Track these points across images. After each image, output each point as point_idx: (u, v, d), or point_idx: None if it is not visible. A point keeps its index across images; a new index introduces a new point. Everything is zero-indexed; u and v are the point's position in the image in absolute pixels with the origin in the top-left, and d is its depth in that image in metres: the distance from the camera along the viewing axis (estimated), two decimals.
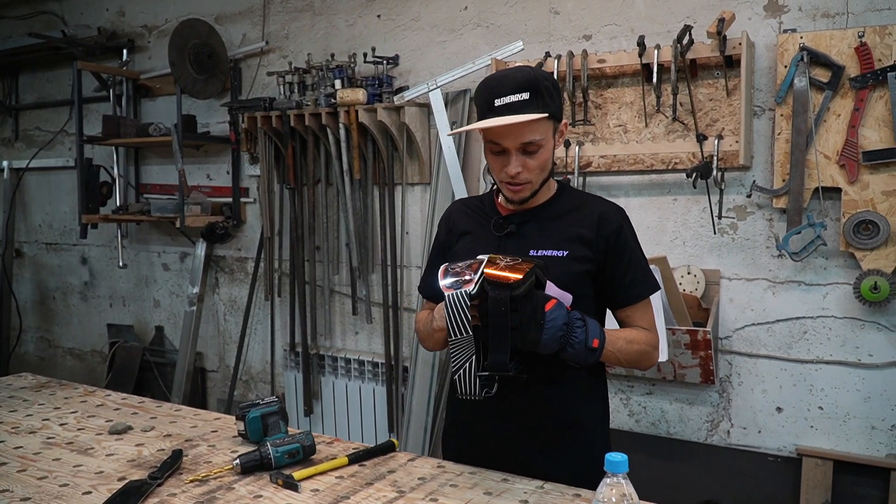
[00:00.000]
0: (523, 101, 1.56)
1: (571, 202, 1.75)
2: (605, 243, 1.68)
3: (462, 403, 1.80)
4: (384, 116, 3.20)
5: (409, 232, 3.45)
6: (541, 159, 1.62)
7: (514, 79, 1.60)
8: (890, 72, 2.40)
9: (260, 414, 1.90)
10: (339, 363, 3.68)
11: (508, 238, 1.73)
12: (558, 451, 1.70)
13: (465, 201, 1.93)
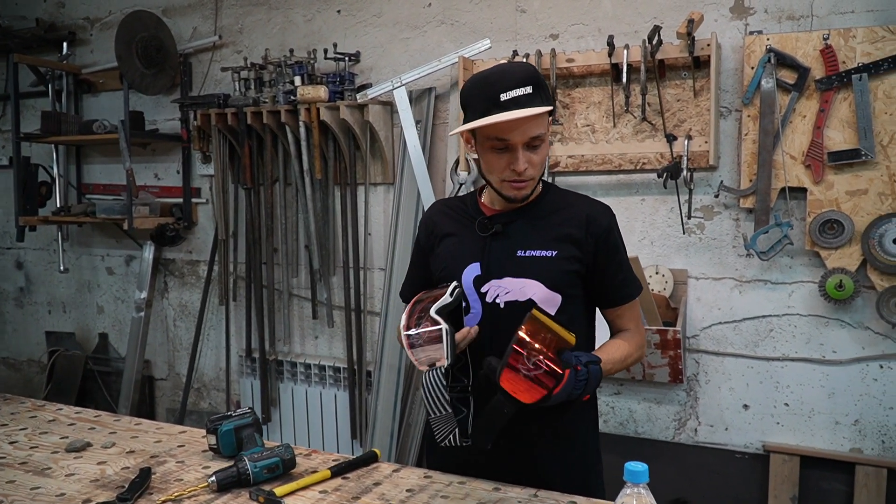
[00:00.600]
0: (528, 95, 1.52)
1: (558, 201, 1.71)
2: (595, 244, 1.64)
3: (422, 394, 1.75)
4: (347, 115, 3.11)
5: (372, 233, 3.37)
6: (543, 154, 1.59)
7: (516, 73, 1.55)
8: (854, 74, 2.45)
9: (233, 426, 1.80)
10: (298, 369, 3.56)
11: (494, 238, 1.68)
12: (551, 458, 1.66)
13: (445, 202, 1.87)
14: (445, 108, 3.16)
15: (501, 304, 1.63)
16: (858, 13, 2.51)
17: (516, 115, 1.49)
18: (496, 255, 1.66)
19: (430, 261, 1.79)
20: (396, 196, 3.22)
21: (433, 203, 1.90)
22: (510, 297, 1.63)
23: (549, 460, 1.66)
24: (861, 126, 2.45)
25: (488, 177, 1.66)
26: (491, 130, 1.57)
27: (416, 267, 1.85)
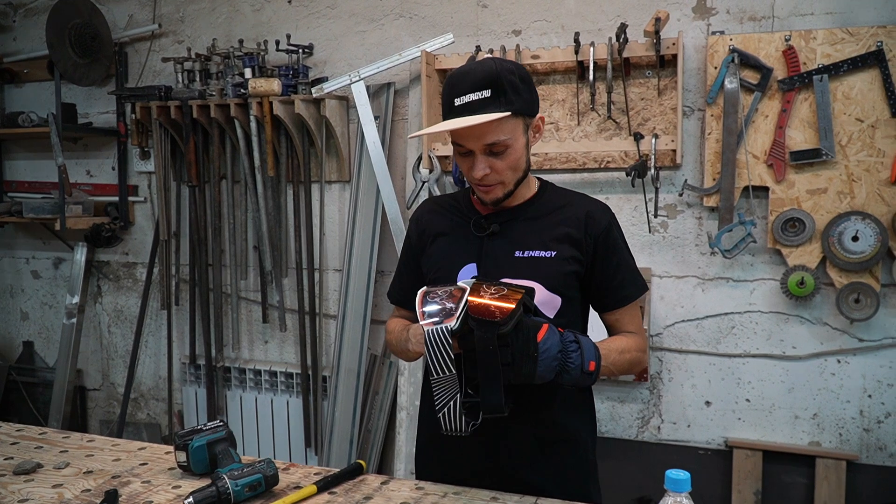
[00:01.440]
0: (483, 100, 1.43)
1: (555, 200, 1.65)
2: (594, 243, 1.59)
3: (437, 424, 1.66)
4: (302, 109, 2.98)
5: (327, 233, 3.24)
6: (510, 159, 1.50)
7: (475, 75, 1.46)
8: (815, 75, 2.49)
9: (206, 441, 1.65)
10: (247, 375, 3.40)
11: (491, 239, 1.61)
12: (550, 464, 1.60)
13: (436, 200, 1.79)
14: (405, 103, 3.07)
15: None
16: (818, 15, 2.57)
17: (460, 122, 1.43)
18: (493, 256, 1.59)
19: (422, 261, 1.70)
20: (353, 194, 3.10)
21: (423, 201, 1.82)
22: None
23: (546, 468, 1.60)
24: (822, 126, 2.50)
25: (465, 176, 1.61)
26: (451, 135, 1.52)
27: (406, 268, 1.76)
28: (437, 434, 1.67)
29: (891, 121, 2.46)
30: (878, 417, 2.63)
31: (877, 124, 2.47)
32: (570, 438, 1.62)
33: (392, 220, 2.93)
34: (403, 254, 1.79)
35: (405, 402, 2.94)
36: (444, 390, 1.39)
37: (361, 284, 3.07)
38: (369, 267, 3.06)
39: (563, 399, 1.60)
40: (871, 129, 2.48)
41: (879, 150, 2.48)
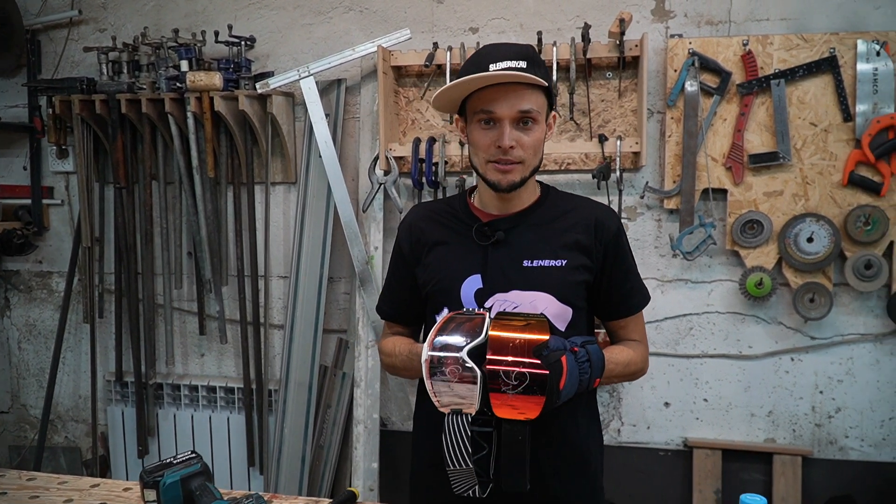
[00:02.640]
0: (521, 69, 1.41)
1: (560, 204, 1.58)
2: (604, 250, 1.53)
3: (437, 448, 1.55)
4: (247, 106, 2.78)
5: (272, 238, 3.04)
6: (535, 136, 1.45)
7: (510, 47, 1.47)
8: (773, 79, 2.54)
9: (179, 478, 1.49)
10: (182, 391, 3.15)
11: (496, 247, 1.51)
12: (562, 483, 1.52)
13: (428, 206, 1.67)
14: (356, 101, 2.92)
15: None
16: (773, 21, 2.62)
17: (498, 75, 1.38)
18: (500, 266, 1.49)
19: (418, 272, 1.59)
20: (301, 197, 2.93)
21: (414, 207, 1.70)
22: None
23: (559, 486, 1.52)
24: (779, 130, 2.55)
25: (475, 160, 1.52)
26: (477, 102, 1.45)
27: (397, 280, 1.64)
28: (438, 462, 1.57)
29: (843, 125, 2.53)
30: (828, 413, 2.72)
31: (829, 129, 2.54)
32: (582, 454, 1.55)
33: (346, 223, 2.78)
34: (394, 265, 1.66)
35: (362, 415, 2.79)
36: (462, 480, 1.32)
37: (312, 292, 2.90)
38: (320, 273, 2.89)
39: (572, 413, 1.53)
40: (825, 134, 2.55)
41: (832, 153, 2.55)
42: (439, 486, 1.57)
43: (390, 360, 1.62)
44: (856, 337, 2.66)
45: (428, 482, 1.61)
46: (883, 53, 2.47)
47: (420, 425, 1.66)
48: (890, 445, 2.68)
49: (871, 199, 2.53)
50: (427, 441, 1.62)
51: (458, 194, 1.67)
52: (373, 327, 2.79)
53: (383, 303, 1.68)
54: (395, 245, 1.66)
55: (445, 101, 1.55)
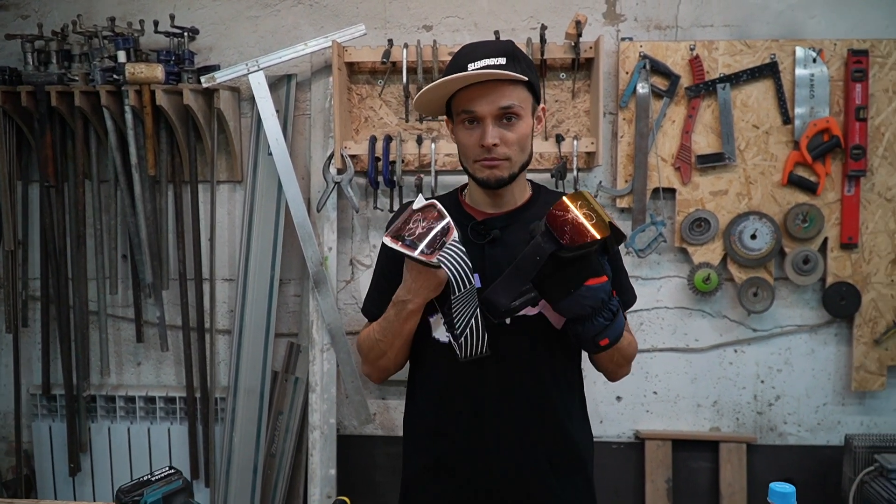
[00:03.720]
0: (500, 66, 1.41)
1: (552, 203, 1.58)
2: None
3: (437, 444, 1.53)
4: (192, 100, 2.64)
5: (218, 238, 2.91)
6: (520, 131, 1.45)
7: (489, 45, 1.47)
8: (719, 83, 2.65)
9: (161, 496, 1.40)
10: (117, 403, 2.97)
11: (492, 246, 1.50)
12: (560, 482, 1.53)
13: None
14: (306, 97, 2.84)
15: (507, 320, 1.46)
16: (717, 27, 2.73)
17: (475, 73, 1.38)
18: (497, 265, 1.48)
19: None
20: (248, 196, 2.82)
21: (403, 206, 1.65)
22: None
23: (557, 486, 1.52)
24: (724, 132, 2.66)
25: (463, 160, 1.52)
26: (459, 102, 1.45)
27: (387, 280, 1.59)
28: (437, 463, 1.54)
29: (782, 128, 2.67)
30: (769, 401, 2.86)
31: (770, 131, 2.68)
32: (578, 453, 1.55)
33: (299, 224, 2.70)
34: (382, 266, 1.62)
35: (318, 420, 2.72)
36: (464, 307, 1.36)
37: (262, 295, 2.80)
38: (271, 276, 2.79)
39: (568, 412, 1.54)
40: (766, 136, 2.68)
41: (772, 154, 2.69)
42: (435, 490, 1.55)
43: (367, 343, 1.55)
44: (793, 328, 2.81)
45: (423, 486, 1.57)
46: (819, 60, 2.62)
47: (412, 429, 1.62)
48: (824, 430, 2.85)
49: (808, 198, 2.68)
50: (421, 444, 1.59)
51: (449, 193, 1.65)
52: (328, 330, 2.72)
53: (372, 305, 1.63)
54: (383, 246, 1.62)
55: (428, 104, 1.54)
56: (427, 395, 1.56)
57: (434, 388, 1.54)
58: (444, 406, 1.52)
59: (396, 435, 2.96)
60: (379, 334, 1.51)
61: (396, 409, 2.96)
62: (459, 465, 1.51)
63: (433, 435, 1.55)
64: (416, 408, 1.61)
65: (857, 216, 2.66)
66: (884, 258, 2.68)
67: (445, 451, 1.52)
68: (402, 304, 1.44)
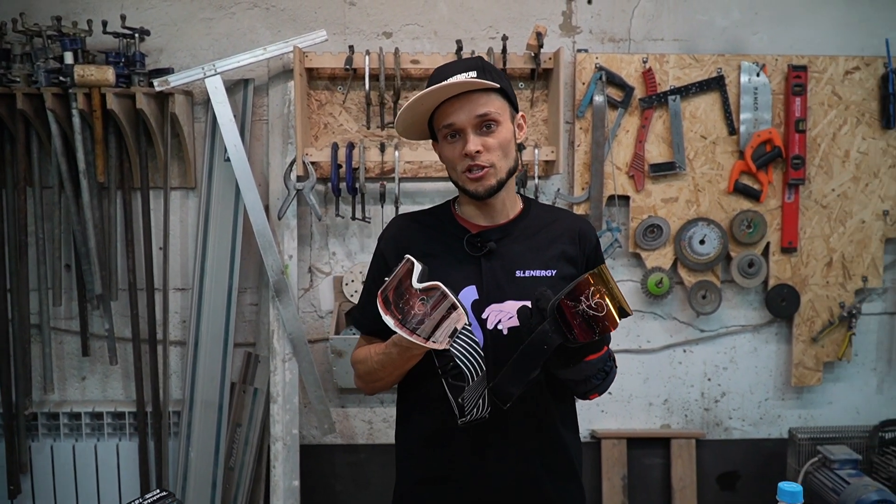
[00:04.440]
0: (472, 77, 1.45)
1: (544, 216, 1.63)
2: (587, 260, 1.60)
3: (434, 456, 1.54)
4: (145, 104, 2.55)
5: (170, 246, 2.81)
6: (500, 138, 1.48)
7: (459, 63, 1.51)
8: (670, 95, 2.76)
9: None
10: (60, 420, 2.82)
11: (488, 258, 1.53)
12: (556, 488, 1.56)
13: (413, 217, 1.64)
14: (263, 102, 2.78)
15: (504, 331, 1.49)
16: (667, 41, 2.84)
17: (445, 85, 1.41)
18: (494, 277, 1.51)
19: None
20: (203, 203, 2.74)
21: (396, 218, 1.66)
22: (513, 322, 1.49)
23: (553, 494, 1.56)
24: (675, 142, 2.78)
25: (452, 175, 1.54)
26: (439, 120, 1.48)
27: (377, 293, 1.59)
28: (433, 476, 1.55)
29: (728, 138, 2.81)
30: (715, 398, 3.01)
31: (717, 141, 2.81)
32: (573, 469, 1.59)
33: (259, 232, 2.64)
34: (375, 279, 1.61)
35: (280, 431, 2.67)
36: (475, 391, 1.36)
37: (219, 304, 2.72)
38: (229, 285, 2.72)
39: (564, 426, 1.58)
40: (713, 145, 2.81)
41: (719, 163, 2.82)
42: (432, 501, 1.56)
43: (364, 367, 1.56)
44: (738, 328, 2.96)
45: (419, 497, 1.58)
46: (762, 74, 2.77)
47: (408, 441, 1.62)
48: (766, 423, 3.02)
49: (752, 205, 2.83)
50: (417, 456, 1.59)
51: (441, 205, 1.66)
52: (290, 340, 2.68)
53: (363, 316, 1.63)
54: (376, 257, 1.62)
55: (410, 127, 1.56)
56: (422, 407, 1.56)
57: (430, 400, 1.54)
58: (441, 418, 1.53)
59: (356, 443, 2.95)
60: (377, 364, 1.50)
61: (356, 418, 2.94)
62: (456, 475, 1.52)
63: (430, 447, 1.55)
64: (410, 419, 1.61)
65: (797, 222, 2.83)
66: (820, 261, 2.86)
67: (443, 462, 1.53)
68: (404, 349, 1.41)
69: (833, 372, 2.98)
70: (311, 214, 2.82)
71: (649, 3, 2.83)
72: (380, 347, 1.51)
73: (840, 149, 2.83)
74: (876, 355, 3.00)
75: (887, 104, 2.78)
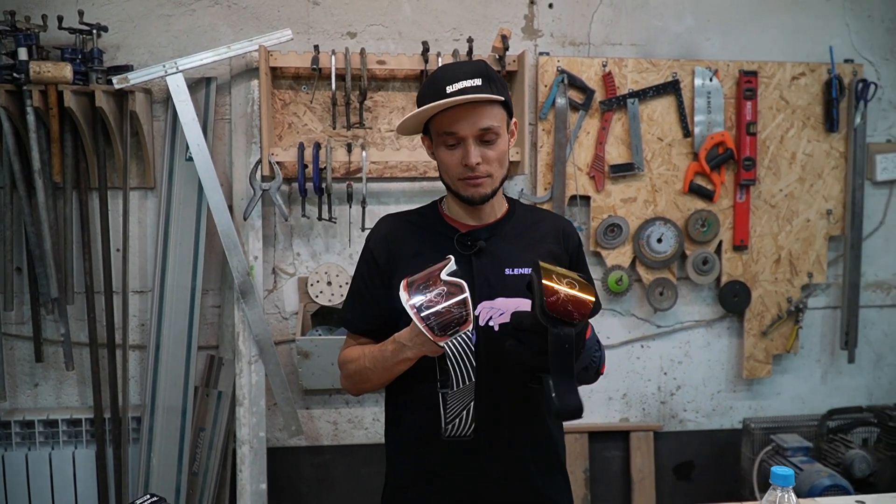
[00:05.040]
0: (476, 87, 1.47)
1: (528, 216, 1.67)
2: (570, 259, 1.65)
3: (425, 453, 1.56)
4: (104, 102, 2.48)
5: (129, 248, 2.73)
6: (499, 150, 1.51)
7: (465, 67, 1.52)
8: (629, 98, 2.85)
9: None
10: (12, 429, 2.72)
11: (478, 257, 1.56)
12: (544, 480, 1.60)
13: (402, 216, 1.66)
14: (225, 101, 2.74)
15: (496, 327, 1.52)
16: (625, 45, 2.93)
17: (456, 100, 1.43)
18: (484, 275, 1.54)
19: (395, 284, 1.56)
20: (163, 203, 2.68)
21: (384, 218, 1.67)
22: (504, 319, 1.53)
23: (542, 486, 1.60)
24: (634, 143, 2.87)
25: (445, 178, 1.56)
26: (440, 125, 1.49)
27: (369, 293, 1.60)
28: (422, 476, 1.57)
29: (683, 140, 2.91)
30: (671, 391, 3.11)
31: (673, 143, 2.91)
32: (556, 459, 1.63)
33: (223, 233, 2.60)
34: (365, 278, 1.62)
35: (247, 434, 2.64)
36: (460, 400, 1.35)
37: (182, 307, 2.67)
38: (192, 286, 2.67)
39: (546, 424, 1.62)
40: (669, 147, 2.91)
41: (675, 164, 2.92)
42: (423, 497, 1.58)
43: (354, 366, 1.56)
44: (692, 323, 3.07)
45: (410, 493, 1.59)
46: (714, 79, 2.88)
47: (399, 440, 1.63)
48: (718, 414, 3.14)
49: (706, 205, 2.94)
50: (408, 453, 1.61)
51: (428, 206, 1.68)
52: (256, 341, 2.65)
53: (353, 316, 1.63)
54: (365, 257, 1.62)
55: (408, 128, 1.57)
56: (413, 404, 1.58)
57: (420, 398, 1.56)
58: (432, 415, 1.55)
59: (321, 445, 2.94)
60: (369, 363, 1.51)
61: (321, 419, 2.93)
62: (448, 471, 1.54)
63: (421, 445, 1.57)
64: (401, 417, 1.62)
65: (748, 221, 2.95)
66: (769, 258, 3.00)
67: (434, 458, 1.55)
68: (400, 348, 1.42)
69: (781, 364, 3.13)
70: (275, 215, 2.79)
71: (608, 8, 2.91)
72: (375, 347, 1.52)
73: (787, 151, 2.97)
74: (820, 348, 3.16)
75: (831, 108, 2.93)
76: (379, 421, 2.95)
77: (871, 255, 3.13)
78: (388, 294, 1.58)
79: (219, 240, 2.66)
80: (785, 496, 1.17)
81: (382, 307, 1.59)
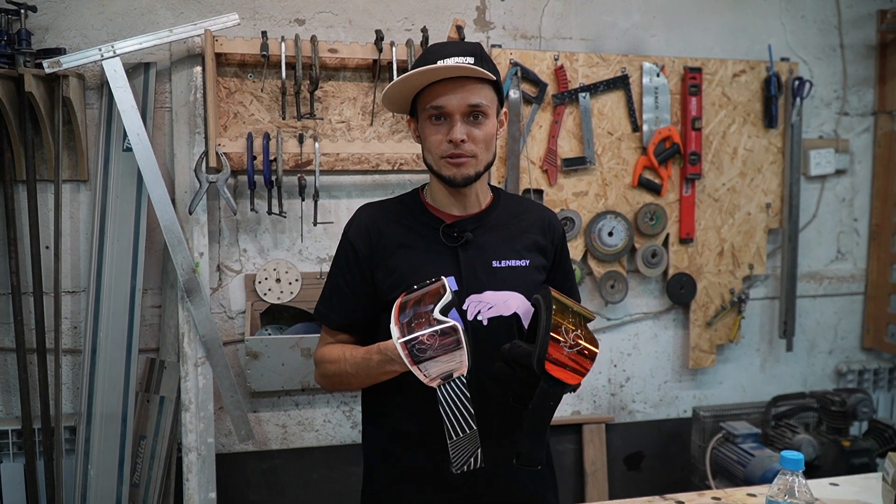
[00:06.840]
0: (469, 64, 1.43)
1: (512, 206, 1.64)
2: (555, 250, 1.63)
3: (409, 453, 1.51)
4: (34, 87, 2.29)
5: (61, 245, 2.53)
6: (486, 131, 1.48)
7: (458, 45, 1.49)
8: (580, 92, 2.86)
9: None
10: None
11: (465, 248, 1.51)
12: (533, 480, 1.58)
13: (381, 206, 1.60)
14: (165, 89, 2.59)
15: (484, 321, 1.49)
16: (575, 40, 2.94)
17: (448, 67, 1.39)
18: (472, 267, 1.50)
19: (378, 276, 1.51)
20: (99, 197, 2.51)
21: (363, 207, 1.60)
22: (493, 313, 1.50)
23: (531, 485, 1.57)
24: (585, 137, 2.88)
25: (428, 158, 1.51)
26: (427, 98, 1.45)
27: (348, 287, 1.53)
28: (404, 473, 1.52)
29: (632, 135, 2.95)
30: (620, 383, 3.15)
31: (622, 137, 2.95)
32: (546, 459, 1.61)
33: (167, 228, 2.45)
34: (344, 271, 1.55)
35: (194, 441, 2.50)
36: (464, 449, 1.28)
37: (121, 307, 2.50)
38: (132, 286, 2.51)
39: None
40: (619, 142, 2.94)
41: (624, 159, 2.96)
42: (409, 497, 1.52)
43: (335, 367, 1.50)
44: (640, 315, 3.12)
45: (394, 495, 1.53)
46: (661, 75, 2.93)
47: (381, 441, 1.56)
48: (665, 405, 3.20)
49: (654, 198, 2.99)
50: (391, 454, 1.55)
51: (408, 194, 1.62)
52: (203, 342, 2.51)
53: (330, 311, 1.55)
54: (343, 248, 1.55)
55: (394, 100, 1.51)
56: (396, 406, 1.52)
57: (404, 399, 1.50)
58: (416, 415, 1.49)
59: (270, 449, 2.82)
60: (351, 368, 1.45)
61: (270, 422, 2.81)
62: (435, 469, 1.49)
63: (405, 444, 1.52)
64: (384, 417, 1.56)
65: (693, 214, 3.02)
66: (713, 251, 3.08)
67: (420, 457, 1.50)
68: (388, 360, 1.36)
69: (724, 354, 3.22)
70: (220, 209, 2.66)
71: (558, 2, 2.92)
72: (359, 352, 1.45)
73: (729, 146, 3.05)
74: (759, 337, 3.27)
75: (769, 105, 3.04)
76: (330, 422, 2.85)
77: (805, 247, 3.26)
78: (369, 287, 1.52)
79: (157, 236, 2.52)
80: (796, 480, 1.17)
81: (362, 301, 1.53)
